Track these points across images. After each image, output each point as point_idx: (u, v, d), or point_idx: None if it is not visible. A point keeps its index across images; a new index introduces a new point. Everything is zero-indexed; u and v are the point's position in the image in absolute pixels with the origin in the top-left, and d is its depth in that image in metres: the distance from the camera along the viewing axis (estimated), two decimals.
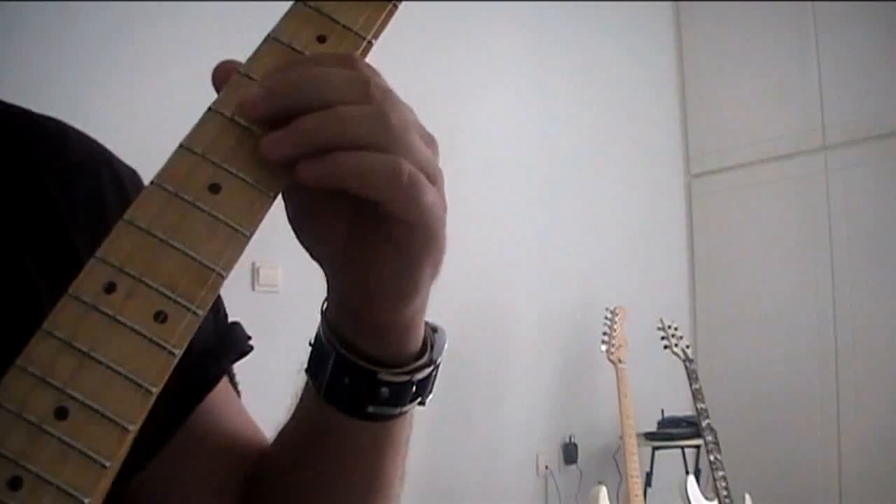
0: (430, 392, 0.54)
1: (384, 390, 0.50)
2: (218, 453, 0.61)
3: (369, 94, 0.42)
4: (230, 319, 0.65)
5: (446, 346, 0.54)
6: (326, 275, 0.50)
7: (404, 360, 0.51)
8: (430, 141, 0.46)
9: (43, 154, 0.59)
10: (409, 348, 0.51)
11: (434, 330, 0.54)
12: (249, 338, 0.64)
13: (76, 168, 0.60)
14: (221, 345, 0.62)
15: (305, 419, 0.56)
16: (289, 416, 0.58)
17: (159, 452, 0.56)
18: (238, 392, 0.65)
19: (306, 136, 0.41)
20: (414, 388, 0.51)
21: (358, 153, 0.41)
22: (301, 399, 0.56)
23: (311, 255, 0.49)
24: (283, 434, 0.59)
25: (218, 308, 0.63)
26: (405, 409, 0.52)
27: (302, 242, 0.48)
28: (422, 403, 0.54)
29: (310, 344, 0.53)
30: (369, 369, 0.50)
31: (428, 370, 0.52)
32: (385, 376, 0.50)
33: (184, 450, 0.58)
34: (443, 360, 0.53)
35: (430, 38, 2.99)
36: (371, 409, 0.51)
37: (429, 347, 0.53)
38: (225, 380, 0.63)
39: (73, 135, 0.63)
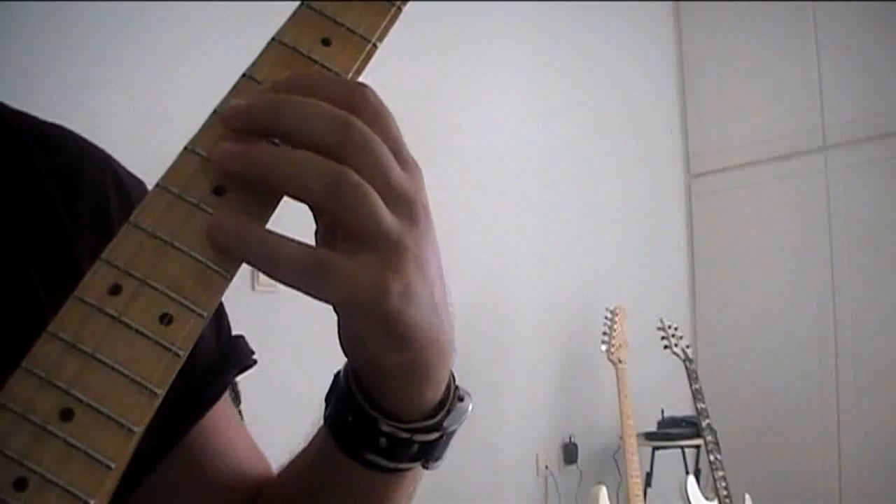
0: (438, 459, 0.50)
1: (382, 440, 0.47)
2: (215, 473, 0.60)
3: (346, 136, 0.39)
4: (232, 325, 0.64)
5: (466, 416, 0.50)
6: None
7: (407, 415, 0.47)
8: (409, 166, 0.42)
9: (48, 164, 0.58)
10: (415, 404, 0.47)
11: (461, 399, 0.50)
12: (253, 352, 0.63)
13: (81, 179, 0.59)
14: (224, 360, 0.61)
15: (315, 448, 0.54)
16: (306, 442, 0.56)
17: (157, 466, 0.55)
18: (238, 399, 0.65)
19: (252, 167, 0.39)
20: (416, 448, 0.48)
21: (292, 150, 0.40)
22: (319, 428, 0.53)
23: None
24: (294, 461, 0.58)
25: (221, 322, 0.62)
26: (402, 466, 0.49)
27: None
28: (425, 467, 0.50)
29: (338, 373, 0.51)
30: (371, 414, 0.47)
31: (435, 434, 0.48)
32: (384, 426, 0.47)
33: (180, 467, 0.57)
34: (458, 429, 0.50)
35: (429, 38, 2.99)
36: (368, 456, 0.48)
37: (443, 412, 0.49)
38: (227, 399, 0.62)
39: (79, 144, 0.62)
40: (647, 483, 3.19)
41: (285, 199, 0.41)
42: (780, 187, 3.67)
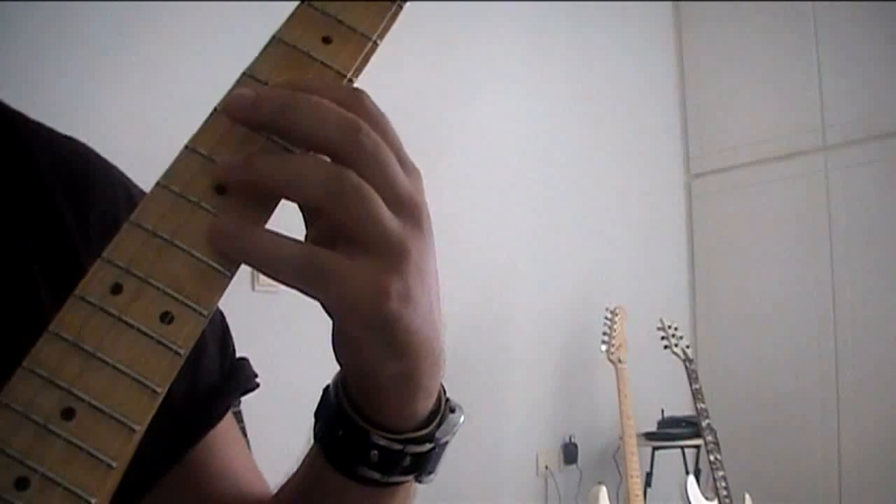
0: (431, 472, 0.50)
1: (374, 453, 0.47)
2: (213, 493, 0.60)
3: (356, 140, 0.39)
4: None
5: (458, 427, 0.49)
6: None
7: (399, 427, 0.47)
8: (412, 172, 0.42)
9: (57, 175, 0.58)
10: (407, 415, 0.47)
11: (452, 410, 0.49)
12: (256, 375, 0.63)
13: (91, 192, 0.59)
14: (227, 382, 0.61)
15: (306, 465, 0.53)
16: (299, 462, 0.55)
17: (155, 486, 0.55)
18: (241, 420, 0.65)
19: (254, 176, 0.39)
20: (409, 461, 0.47)
21: (293, 155, 0.40)
22: (312, 445, 0.53)
23: None
24: (289, 481, 0.57)
25: (226, 345, 0.63)
26: (394, 479, 0.48)
27: None
28: (418, 481, 0.50)
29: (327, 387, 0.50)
30: (362, 427, 0.46)
31: (427, 445, 0.48)
32: (376, 439, 0.46)
33: (180, 486, 0.57)
34: (450, 440, 0.49)
35: (429, 38, 2.99)
36: (360, 470, 0.47)
37: (435, 423, 0.48)
38: (230, 419, 0.62)
39: (90, 158, 0.62)
40: (647, 483, 3.19)
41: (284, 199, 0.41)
42: (780, 187, 3.67)
